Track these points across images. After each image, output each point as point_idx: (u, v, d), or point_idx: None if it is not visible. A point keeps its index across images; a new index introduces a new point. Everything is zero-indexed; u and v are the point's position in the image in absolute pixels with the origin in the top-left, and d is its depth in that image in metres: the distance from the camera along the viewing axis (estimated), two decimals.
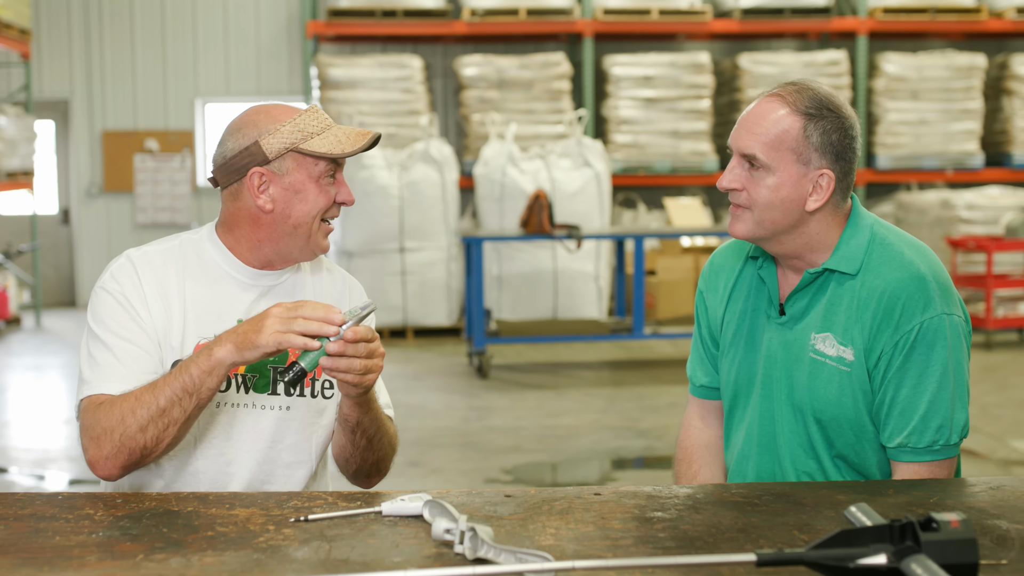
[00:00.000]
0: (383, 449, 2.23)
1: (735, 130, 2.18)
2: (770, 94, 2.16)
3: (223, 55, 12.27)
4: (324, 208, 2.16)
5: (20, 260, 12.02)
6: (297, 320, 1.93)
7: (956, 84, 11.10)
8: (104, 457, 2.01)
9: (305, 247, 2.18)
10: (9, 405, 7.92)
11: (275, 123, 2.14)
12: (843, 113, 2.13)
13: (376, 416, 2.17)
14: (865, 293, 2.13)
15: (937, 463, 2.12)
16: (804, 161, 2.11)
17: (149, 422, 1.99)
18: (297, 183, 2.14)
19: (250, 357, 1.96)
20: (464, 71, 10.87)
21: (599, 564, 1.48)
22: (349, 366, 1.95)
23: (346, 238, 9.89)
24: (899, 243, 2.17)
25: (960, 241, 9.79)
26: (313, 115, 2.16)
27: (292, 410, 2.21)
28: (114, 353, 2.09)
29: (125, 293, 2.14)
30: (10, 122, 10.35)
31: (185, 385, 1.98)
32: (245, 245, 2.20)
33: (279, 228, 2.16)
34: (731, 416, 2.32)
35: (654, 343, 9.69)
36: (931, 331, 2.09)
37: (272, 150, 2.13)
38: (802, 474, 2.21)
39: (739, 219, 2.18)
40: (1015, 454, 6.13)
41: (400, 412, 8.28)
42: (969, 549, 1.42)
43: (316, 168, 2.14)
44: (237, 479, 2.18)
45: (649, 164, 10.91)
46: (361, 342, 1.95)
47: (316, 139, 2.13)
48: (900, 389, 2.11)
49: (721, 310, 2.34)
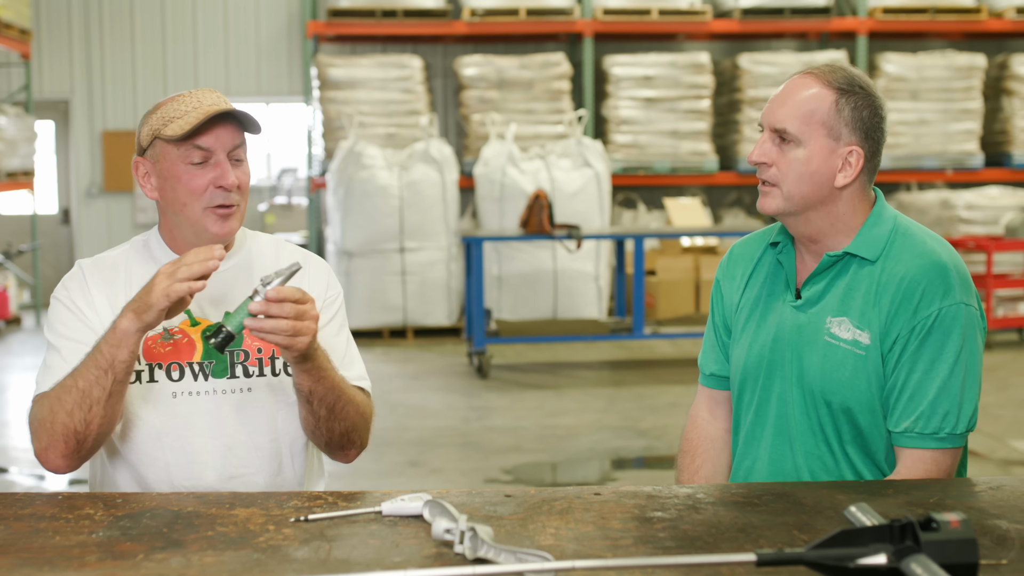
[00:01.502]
0: (349, 418, 2.18)
1: (767, 107, 2.21)
2: (803, 73, 2.20)
3: (223, 55, 12.27)
4: (198, 192, 2.15)
5: (20, 260, 12.02)
6: (180, 268, 1.97)
7: (956, 84, 11.10)
8: (43, 449, 2.06)
9: (199, 234, 2.18)
10: (9, 405, 7.92)
11: (153, 112, 2.18)
12: (874, 92, 2.18)
13: (332, 384, 2.13)
14: (885, 279, 2.15)
15: (942, 452, 2.13)
16: (835, 136, 2.15)
17: (74, 406, 2.02)
18: (166, 169, 2.17)
19: (150, 319, 1.98)
20: (464, 71, 10.87)
21: (599, 564, 1.48)
22: (275, 327, 1.95)
23: (346, 238, 9.89)
24: (921, 234, 2.21)
25: (960, 241, 9.78)
26: (184, 99, 2.16)
27: (254, 391, 2.20)
28: (62, 354, 2.13)
29: (72, 298, 2.19)
30: (10, 122, 10.35)
31: (98, 363, 2.01)
32: (169, 237, 2.24)
33: (170, 216, 2.20)
34: (740, 399, 2.33)
35: (654, 343, 9.69)
36: (948, 318, 2.11)
37: (144, 139, 2.18)
38: (811, 457, 2.22)
39: (768, 195, 2.20)
40: (1015, 454, 6.13)
41: (400, 412, 8.23)
42: (969, 549, 1.42)
43: (177, 152, 2.15)
44: (210, 467, 2.17)
45: (649, 164, 10.91)
46: (287, 302, 1.94)
47: (174, 123, 2.14)
48: (912, 374, 2.12)
49: (737, 296, 2.36)
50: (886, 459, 2.19)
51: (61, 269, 12.46)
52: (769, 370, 2.26)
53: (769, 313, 2.28)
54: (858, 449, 2.20)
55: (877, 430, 2.18)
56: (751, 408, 2.30)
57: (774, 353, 2.25)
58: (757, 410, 2.29)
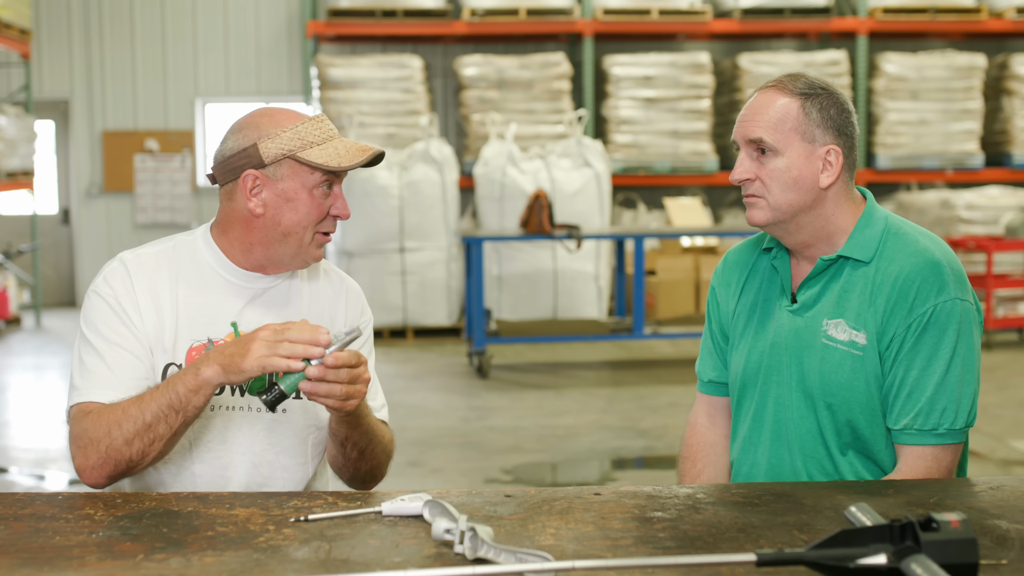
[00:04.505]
0: (376, 458, 2.22)
1: (737, 124, 2.22)
2: (764, 87, 2.22)
3: (223, 55, 12.27)
4: (316, 220, 2.14)
5: (20, 260, 12.02)
6: (283, 344, 1.92)
7: (956, 84, 11.10)
8: (90, 466, 2.02)
9: (296, 256, 2.17)
10: (9, 405, 7.92)
11: (276, 127, 2.12)
12: (835, 91, 2.21)
13: (367, 429, 2.15)
14: (880, 279, 2.16)
15: (942, 448, 2.13)
16: (809, 139, 2.17)
17: (135, 436, 1.99)
18: (290, 191, 2.12)
19: (235, 380, 1.96)
20: (464, 71, 10.87)
21: (599, 564, 1.48)
22: (329, 391, 1.94)
23: (346, 238, 9.89)
24: (913, 232, 2.22)
25: (960, 241, 9.78)
26: (317, 124, 2.14)
27: (288, 412, 2.21)
28: (105, 360, 2.09)
29: (118, 297, 2.14)
30: (10, 122, 10.35)
31: (171, 402, 1.98)
32: (237, 247, 2.19)
33: (269, 233, 2.15)
34: (739, 406, 2.33)
35: (654, 343, 9.69)
36: (944, 314, 2.12)
37: (269, 154, 2.11)
38: (810, 460, 2.22)
39: (756, 207, 2.21)
40: (1015, 454, 6.13)
41: (400, 412, 8.23)
42: (969, 549, 1.42)
43: (311, 178, 2.12)
44: (234, 482, 2.18)
45: (649, 164, 10.91)
46: (343, 368, 1.93)
47: (315, 149, 2.11)
48: (910, 371, 2.13)
49: (733, 303, 2.36)
50: (886, 459, 2.20)
51: (61, 269, 12.46)
52: (767, 375, 2.26)
53: (766, 319, 2.29)
54: (858, 451, 2.20)
55: (877, 430, 2.18)
56: (749, 413, 2.30)
57: (772, 358, 2.26)
58: (755, 415, 2.29)
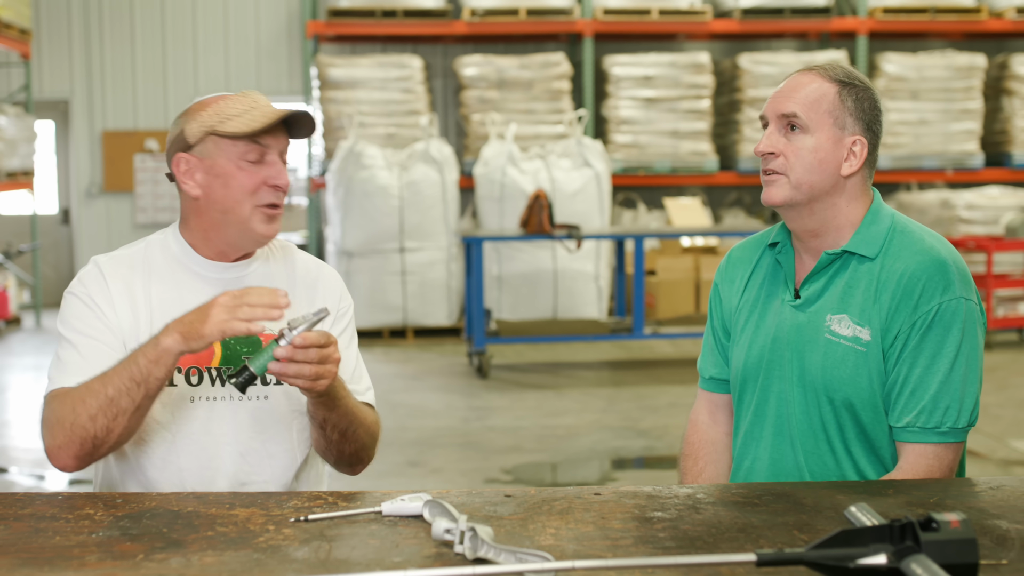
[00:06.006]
0: (359, 440, 2.20)
1: (771, 100, 2.25)
2: (802, 70, 2.25)
3: (223, 55, 12.27)
4: (250, 191, 2.13)
5: (20, 260, 12.01)
6: (242, 307, 1.92)
7: (956, 84, 11.09)
8: (57, 446, 2.02)
9: (244, 234, 2.16)
10: (9, 405, 7.92)
11: (201, 109, 2.14)
12: (871, 86, 2.25)
13: (346, 411, 2.14)
14: (885, 276, 2.17)
15: (944, 446, 2.14)
16: (840, 125, 2.19)
17: (98, 411, 1.99)
18: (218, 167, 2.13)
19: (196, 347, 1.96)
20: (464, 71, 10.86)
21: (599, 564, 1.48)
22: (298, 371, 1.94)
23: (346, 238, 9.89)
24: (919, 231, 2.23)
25: (960, 241, 9.78)
26: (239, 99, 2.14)
27: (271, 400, 2.19)
28: (79, 350, 2.11)
29: (91, 295, 2.16)
30: (10, 122, 10.34)
31: (133, 375, 1.98)
32: (199, 237, 2.20)
33: (214, 215, 2.15)
34: (741, 400, 2.34)
35: (654, 343, 9.69)
36: (949, 313, 2.13)
37: (193, 134, 2.13)
38: (812, 456, 2.22)
39: (774, 184, 2.22)
40: (1015, 454, 6.13)
41: (400, 412, 8.23)
42: (969, 549, 1.42)
43: (234, 149, 2.12)
44: (222, 473, 2.17)
45: (649, 164, 10.91)
46: (312, 348, 1.93)
47: (233, 120, 2.12)
48: (913, 368, 2.14)
49: (736, 299, 2.37)
50: (889, 455, 2.20)
51: (61, 269, 12.45)
52: (768, 370, 2.27)
53: (768, 313, 2.29)
54: (861, 446, 2.20)
55: (879, 426, 2.19)
56: (750, 408, 2.31)
57: (773, 353, 2.26)
58: (756, 410, 2.29)
